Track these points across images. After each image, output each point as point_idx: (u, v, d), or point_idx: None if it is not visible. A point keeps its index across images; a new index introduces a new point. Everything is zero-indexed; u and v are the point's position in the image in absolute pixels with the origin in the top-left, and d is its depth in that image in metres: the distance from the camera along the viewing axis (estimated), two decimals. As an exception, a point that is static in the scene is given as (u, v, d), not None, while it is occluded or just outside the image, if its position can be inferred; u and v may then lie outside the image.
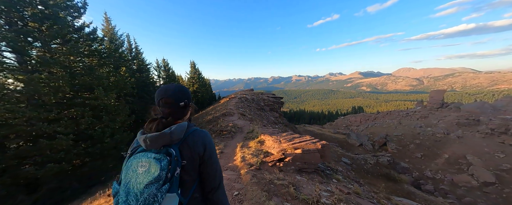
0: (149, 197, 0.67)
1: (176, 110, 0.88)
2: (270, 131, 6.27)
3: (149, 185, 0.68)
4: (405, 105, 75.75)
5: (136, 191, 0.68)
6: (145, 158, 0.74)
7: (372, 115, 31.34)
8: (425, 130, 20.84)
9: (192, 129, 0.89)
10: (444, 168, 15.79)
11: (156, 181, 0.69)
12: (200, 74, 29.42)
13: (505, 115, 16.78)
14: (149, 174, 0.70)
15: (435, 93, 25.67)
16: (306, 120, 48.72)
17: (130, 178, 0.71)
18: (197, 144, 0.86)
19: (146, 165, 0.72)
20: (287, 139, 4.60)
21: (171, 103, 0.87)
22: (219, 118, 10.13)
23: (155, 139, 0.76)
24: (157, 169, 0.70)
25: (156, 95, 0.89)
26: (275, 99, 21.16)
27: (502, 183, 12.69)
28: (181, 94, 0.90)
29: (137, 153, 0.77)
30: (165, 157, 0.74)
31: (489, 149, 15.46)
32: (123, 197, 0.69)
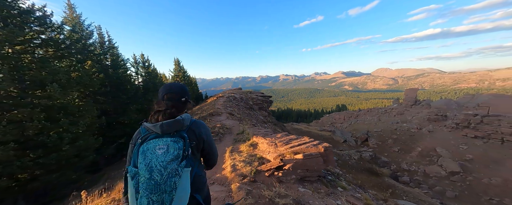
0: (172, 171, 0.81)
1: (178, 104, 1.03)
2: (263, 132, 5.68)
3: (171, 162, 0.82)
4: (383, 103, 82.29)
5: (159, 168, 0.81)
6: (161, 142, 0.87)
7: (354, 113, 33.00)
8: (401, 125, 22.48)
9: (193, 119, 1.07)
10: (418, 160, 17.17)
11: (176, 159, 0.84)
12: (185, 72, 27.81)
13: (467, 110, 18.78)
14: (169, 154, 0.84)
15: (409, 91, 27.86)
16: (294, 118, 49.66)
17: (151, 159, 0.83)
18: (201, 130, 1.06)
19: (165, 147, 0.85)
20: (284, 141, 4.09)
21: (175, 98, 1.03)
22: (205, 119, 9.42)
23: (172, 124, 0.91)
24: (176, 149, 0.86)
25: (160, 91, 1.05)
26: (263, 98, 20.85)
27: (465, 171, 14.18)
28: (183, 91, 1.08)
29: (150, 140, 0.88)
30: (181, 140, 0.89)
31: (454, 141, 17.18)
32: (146, 175, 0.80)
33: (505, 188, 11.83)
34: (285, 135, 4.79)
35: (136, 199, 0.79)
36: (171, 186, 0.79)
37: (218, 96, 19.39)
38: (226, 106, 13.08)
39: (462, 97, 23.17)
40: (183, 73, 26.81)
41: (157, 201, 0.77)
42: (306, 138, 4.10)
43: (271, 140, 4.28)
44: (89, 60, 6.12)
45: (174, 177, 0.80)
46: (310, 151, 3.31)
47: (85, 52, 7.14)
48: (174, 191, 0.80)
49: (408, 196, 9.12)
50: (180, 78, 25.95)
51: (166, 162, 0.81)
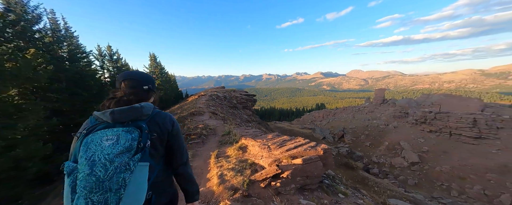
0: (121, 165, 0.67)
1: (139, 91, 0.91)
2: (251, 133, 5.06)
3: (121, 155, 0.69)
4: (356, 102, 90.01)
5: (104, 161, 0.67)
6: (110, 132, 0.74)
7: (332, 111, 35.18)
8: (372, 122, 24.76)
9: (157, 110, 0.92)
10: (385, 153, 19.12)
11: (127, 151, 0.70)
12: (162, 68, 25.75)
13: (424, 108, 21.59)
14: (118, 145, 0.70)
15: (378, 91, 30.84)
16: (276, 117, 50.66)
17: (94, 151, 0.69)
18: (166, 121, 0.92)
19: (114, 138, 0.72)
20: (277, 143, 3.67)
21: (135, 86, 0.90)
22: (186, 119, 8.75)
23: (126, 112, 0.77)
24: (128, 140, 0.72)
25: (118, 77, 0.91)
26: (247, 97, 20.59)
27: (423, 162, 16.31)
28: (146, 79, 0.95)
29: (98, 130, 0.75)
30: (136, 130, 0.76)
31: (414, 135, 19.60)
32: (86, 171, 0.66)
33: (452, 174, 13.93)
34: (277, 136, 4.39)
35: (72, 201, 0.65)
36: (118, 183, 0.66)
37: (200, 95, 18.45)
38: (208, 105, 12.45)
39: (419, 97, 26.64)
40: (160, 69, 24.78)
41: (99, 202, 0.63)
42: (301, 139, 3.76)
43: (263, 142, 3.84)
44: (33, 49, 4.91)
45: (123, 172, 0.67)
46: (308, 154, 2.97)
47: (27, 38, 5.78)
48: (122, 189, 0.66)
49: (379, 187, 9.99)
50: (157, 75, 23.92)
51: (113, 155, 0.68)
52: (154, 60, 24.34)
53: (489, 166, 13.28)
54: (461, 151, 15.70)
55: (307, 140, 3.63)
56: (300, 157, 2.96)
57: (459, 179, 13.42)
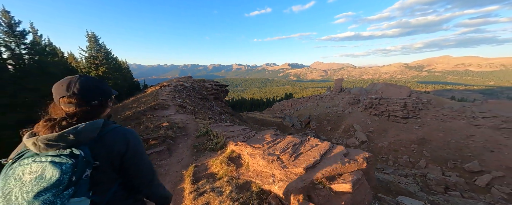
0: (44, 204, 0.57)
1: (86, 110, 0.74)
2: (239, 132, 3.65)
3: (43, 192, 0.57)
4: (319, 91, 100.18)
5: (22, 202, 0.56)
6: (35, 163, 0.62)
7: (299, 100, 37.70)
8: (332, 109, 27.86)
9: (111, 127, 0.78)
10: (342, 135, 22.03)
11: (53, 187, 0.59)
12: (109, 53, 20.73)
13: (371, 95, 25.58)
14: (42, 181, 0.59)
15: (337, 81, 34.61)
16: (248, 107, 50.80)
17: (12, 188, 0.58)
18: (118, 142, 0.76)
19: (38, 171, 0.60)
20: (287, 150, 2.51)
21: (79, 104, 0.73)
22: (144, 114, 7.05)
23: (52, 141, 0.64)
24: (56, 174, 0.60)
25: (54, 90, 0.74)
26: (219, 87, 19.25)
27: (369, 140, 19.63)
28: (92, 91, 0.76)
29: (24, 159, 0.64)
30: (69, 159, 0.63)
31: (364, 119, 23.20)
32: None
33: (389, 148, 17.30)
34: (277, 136, 3.09)
35: None
36: None
37: (162, 85, 15.93)
38: (174, 96, 10.72)
39: (368, 86, 31.48)
40: (104, 53, 19.87)
41: None
42: (315, 140, 2.69)
43: (266, 150, 2.59)
44: None
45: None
46: (348, 170, 2.02)
47: None
48: None
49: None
50: (101, 60, 19.11)
51: (33, 194, 0.57)
52: (95, 41, 19.20)
53: (412, 139, 17.09)
54: (395, 129, 19.60)
55: (325, 141, 2.63)
56: (337, 176, 1.93)
57: (394, 152, 16.81)
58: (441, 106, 20.06)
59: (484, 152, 12.93)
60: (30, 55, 9.92)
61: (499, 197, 9.79)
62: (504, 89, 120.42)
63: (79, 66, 19.17)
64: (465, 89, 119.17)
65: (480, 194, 10.26)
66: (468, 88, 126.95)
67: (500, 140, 13.10)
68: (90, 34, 19.04)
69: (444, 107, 19.93)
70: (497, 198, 9.71)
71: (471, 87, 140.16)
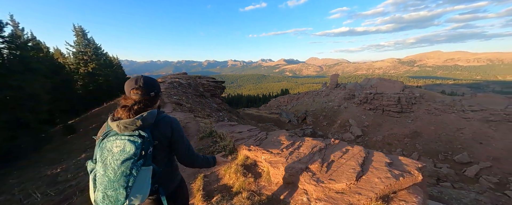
0: (126, 169, 0.82)
1: (146, 99, 1.00)
2: (248, 134, 3.28)
3: (125, 161, 0.83)
4: (314, 87, 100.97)
5: (113, 166, 0.83)
6: (118, 140, 0.87)
7: (295, 96, 37.80)
8: (328, 104, 28.11)
9: (162, 116, 1.04)
10: (338, 130, 22.36)
11: (132, 157, 0.84)
12: (99, 48, 19.79)
13: (366, 90, 25.92)
14: (124, 152, 0.84)
15: (333, 77, 34.80)
16: (244, 104, 50.54)
17: (106, 156, 0.85)
18: (166, 128, 1.03)
19: (121, 146, 0.86)
20: (316, 157, 2.10)
21: (143, 94, 0.99)
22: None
23: (129, 124, 0.89)
24: (132, 148, 0.85)
25: (126, 86, 1.00)
26: (216, 84, 18.90)
27: (364, 134, 20.03)
28: (151, 85, 1.03)
29: (110, 136, 0.89)
30: (139, 139, 0.88)
31: (359, 113, 23.57)
32: (101, 172, 0.83)
33: (383, 142, 17.71)
34: (292, 138, 2.71)
35: (94, 192, 0.84)
36: (125, 183, 0.82)
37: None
38: (169, 94, 10.37)
39: (362, 81, 31.86)
40: (94, 49, 18.93)
41: (112, 196, 0.81)
42: (343, 144, 2.35)
43: (290, 158, 2.16)
44: None
45: (128, 176, 0.83)
46: (402, 185, 1.63)
47: None
48: (129, 189, 0.82)
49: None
50: (90, 56, 18.21)
51: (120, 161, 0.83)
52: (83, 35, 18.21)
53: (405, 133, 17.56)
54: (389, 123, 20.05)
55: (358, 147, 2.26)
56: (392, 195, 1.56)
57: (388, 145, 17.24)
58: (433, 100, 20.61)
59: (473, 144, 13.45)
60: (9, 49, 9.21)
61: (487, 186, 10.25)
62: (490, 83, 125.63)
63: (66, 62, 18.21)
64: (454, 84, 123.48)
65: (469, 184, 10.71)
66: (457, 82, 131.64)
67: (488, 132, 13.64)
68: (78, 28, 18.01)
69: (435, 101, 20.49)
70: (485, 187, 10.17)
71: (459, 81, 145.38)
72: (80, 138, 7.79)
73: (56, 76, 14.02)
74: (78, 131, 10.08)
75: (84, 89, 17.81)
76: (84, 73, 17.77)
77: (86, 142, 6.36)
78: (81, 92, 17.47)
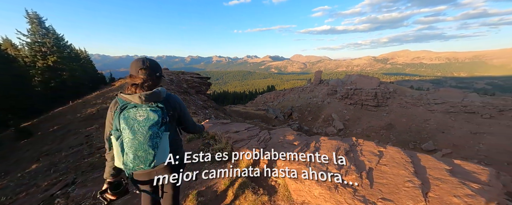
0: (154, 133, 0.97)
1: (154, 78, 1.11)
2: (248, 133, 2.82)
3: (152, 126, 0.97)
4: (299, 83, 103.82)
5: (142, 131, 0.96)
6: (141, 110, 0.99)
7: (281, 92, 38.32)
8: (312, 100, 29.08)
9: (169, 93, 1.21)
10: (322, 124, 23.33)
11: (156, 124, 0.98)
12: (60, 39, 17.18)
13: (346, 86, 27.38)
14: (149, 120, 0.98)
15: (317, 73, 36.00)
16: (230, 100, 49.68)
17: (133, 124, 0.96)
18: (175, 102, 1.21)
19: (144, 115, 0.98)
20: (345, 164, 1.58)
21: (150, 74, 1.09)
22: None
23: (150, 96, 1.02)
24: (156, 116, 0.99)
25: (133, 65, 1.09)
26: (201, 80, 17.98)
27: (346, 128, 21.23)
28: (156, 66, 1.14)
29: (129, 108, 1.00)
30: (159, 109, 1.02)
31: (340, 108, 24.85)
32: (130, 136, 0.95)
33: (362, 134, 18.97)
34: (301, 137, 2.33)
35: (122, 156, 0.98)
36: (154, 145, 0.97)
37: None
38: None
39: (343, 77, 33.55)
40: (54, 39, 16.37)
41: (142, 157, 0.96)
42: (371, 145, 1.97)
43: (315, 166, 1.68)
44: None
45: (156, 138, 0.98)
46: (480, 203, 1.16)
47: None
48: (156, 149, 0.98)
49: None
50: (49, 48, 15.71)
51: (147, 127, 0.96)
52: (39, 23, 15.55)
53: (381, 125, 19.05)
54: (367, 116, 21.54)
55: (394, 148, 1.92)
56: None
57: (366, 137, 18.52)
58: (404, 95, 22.66)
59: (437, 133, 15.15)
60: None
61: (448, 170, 11.64)
62: (448, 79, 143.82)
63: (19, 54, 15.40)
64: (419, 79, 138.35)
65: (434, 169, 12.03)
66: (422, 79, 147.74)
67: (448, 122, 15.49)
68: (32, 15, 15.27)
69: (406, 96, 22.56)
70: (446, 171, 11.55)
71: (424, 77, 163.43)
72: (37, 143, 6.61)
73: (6, 70, 11.80)
74: (35, 134, 8.63)
75: (44, 85, 15.37)
76: (43, 67, 15.31)
77: (43, 148, 5.36)
78: (40, 89, 15.07)
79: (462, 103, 16.93)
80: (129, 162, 0.94)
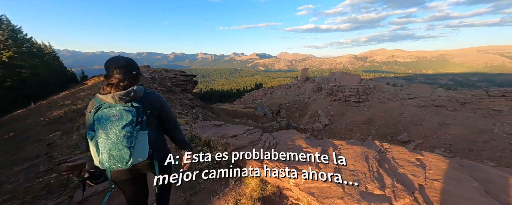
0: (127, 133, 0.96)
1: (130, 77, 1.08)
2: (246, 137, 2.41)
3: (126, 126, 0.96)
4: (286, 80, 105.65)
5: (115, 130, 0.95)
6: (114, 110, 0.98)
7: (269, 90, 38.52)
8: (299, 97, 29.74)
9: (148, 91, 1.18)
10: (309, 120, 24.04)
11: (130, 124, 0.97)
12: (18, 32, 14.94)
13: (331, 83, 28.50)
14: (123, 120, 0.97)
15: (303, 71, 36.81)
16: (218, 99, 48.52)
17: (106, 124, 0.96)
18: (155, 101, 1.18)
19: (118, 114, 0.98)
20: (387, 179, 1.22)
21: (125, 72, 1.06)
22: (83, 115, 5.27)
23: (124, 95, 1.00)
24: (129, 116, 0.98)
25: (107, 65, 1.06)
26: (186, 78, 17.12)
27: (331, 123, 22.16)
28: (132, 65, 1.10)
29: (104, 108, 0.99)
30: (133, 108, 1.01)
31: (326, 104, 25.83)
32: (103, 137, 0.95)
33: (346, 129, 19.99)
34: (313, 142, 2.03)
35: (98, 155, 0.98)
36: (128, 144, 0.96)
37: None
38: None
39: (328, 75, 34.86)
40: (9, 31, 14.12)
41: (117, 156, 0.96)
42: (404, 151, 1.72)
43: (353, 187, 1.22)
44: None
45: (130, 138, 0.97)
46: None
47: None
48: (132, 148, 0.98)
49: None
50: (3, 41, 13.48)
51: (120, 126, 0.96)
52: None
53: (363, 120, 20.24)
54: (350, 112, 22.72)
55: (436, 155, 1.66)
56: None
57: (349, 131, 19.56)
58: (382, 91, 24.34)
59: (410, 125, 16.58)
60: None
61: (420, 158, 12.81)
62: (418, 75, 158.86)
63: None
64: (394, 76, 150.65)
65: (408, 158, 13.10)
66: (396, 75, 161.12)
67: (420, 115, 17.03)
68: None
69: (384, 92, 24.26)
70: (419, 159, 12.69)
71: (398, 74, 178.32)
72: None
73: None
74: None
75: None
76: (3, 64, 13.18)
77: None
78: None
79: (431, 98, 18.73)
80: (104, 161, 0.96)
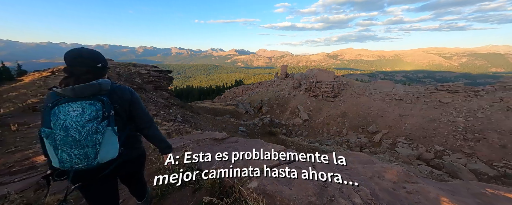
0: (91, 129, 0.86)
1: (94, 69, 1.00)
2: (238, 147, 2.05)
3: (90, 121, 0.87)
4: (266, 77, 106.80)
5: (76, 126, 0.85)
6: (74, 105, 0.88)
7: (250, 86, 38.16)
8: (280, 93, 30.24)
9: (116, 84, 1.08)
10: (289, 116, 24.70)
11: (94, 118, 0.88)
12: None
13: (309, 80, 29.76)
14: (85, 114, 0.87)
15: (283, 67, 37.47)
16: (196, 96, 45.80)
17: (65, 120, 0.85)
18: (125, 93, 1.08)
19: (79, 109, 0.87)
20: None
21: (89, 64, 0.98)
22: (7, 125, 3.96)
23: (86, 88, 0.90)
24: (93, 110, 0.89)
25: (68, 56, 0.96)
26: (160, 74, 15.29)
27: (310, 118, 23.20)
28: (97, 56, 1.02)
29: (62, 103, 0.88)
30: (98, 102, 0.92)
31: (305, 100, 26.89)
32: (62, 134, 0.84)
33: (323, 123, 21.20)
34: (289, 155, 1.38)
35: (57, 155, 0.85)
36: (93, 141, 0.87)
37: (56, 70, 10.44)
38: None
39: (306, 71, 36.33)
40: None
41: (80, 155, 0.85)
42: (411, 177, 1.67)
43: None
44: None
45: (95, 134, 0.87)
46: None
47: None
48: (98, 146, 0.88)
49: (294, 145, 12.51)
50: None
51: (83, 122, 0.86)
52: None
53: (338, 114, 21.76)
54: (327, 107, 24.17)
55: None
56: None
57: (327, 125, 20.81)
58: (354, 86, 26.56)
59: (377, 118, 18.51)
60: None
61: (386, 146, 14.43)
62: (379, 73, 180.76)
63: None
64: (360, 73, 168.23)
65: (376, 147, 14.63)
66: (362, 73, 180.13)
67: (385, 108, 19.15)
68: None
69: (355, 87, 26.52)
70: (385, 147, 14.30)
71: (363, 71, 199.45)
72: None
73: None
74: None
75: None
76: None
77: None
78: None
79: (393, 92, 21.26)
80: (65, 160, 0.85)
